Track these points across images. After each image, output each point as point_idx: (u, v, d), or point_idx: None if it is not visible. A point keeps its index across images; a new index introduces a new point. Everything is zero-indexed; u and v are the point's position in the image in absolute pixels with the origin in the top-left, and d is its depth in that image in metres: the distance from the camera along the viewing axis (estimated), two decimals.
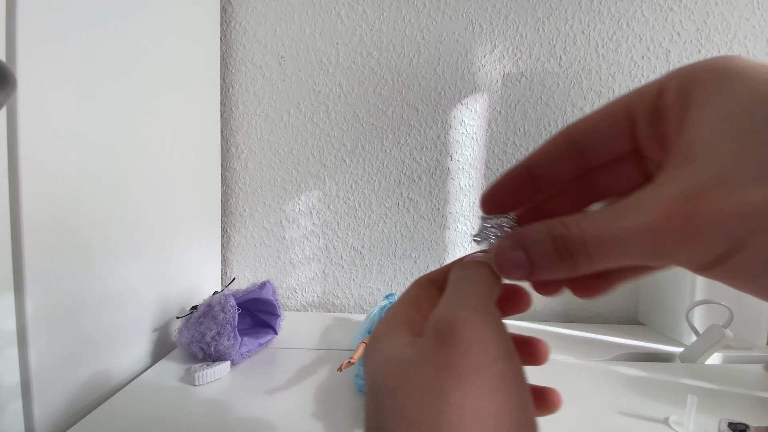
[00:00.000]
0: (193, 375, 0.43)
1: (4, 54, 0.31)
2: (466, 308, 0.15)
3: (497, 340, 0.14)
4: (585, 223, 0.14)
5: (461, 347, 0.14)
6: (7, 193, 0.31)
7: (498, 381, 0.13)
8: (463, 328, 0.14)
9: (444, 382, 0.13)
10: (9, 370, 0.32)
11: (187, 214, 0.59)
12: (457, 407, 0.13)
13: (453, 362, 0.13)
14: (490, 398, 0.13)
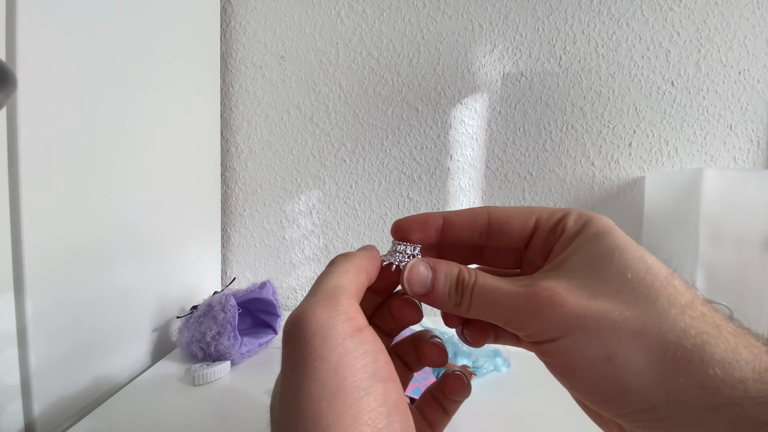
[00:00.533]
0: (193, 375, 0.43)
1: (4, 54, 0.31)
2: (311, 302, 0.16)
3: (341, 323, 0.15)
4: (481, 277, 0.18)
5: (304, 340, 0.15)
6: (7, 193, 0.31)
7: (340, 359, 0.14)
8: (306, 322, 0.15)
9: (295, 377, 0.14)
10: (9, 370, 0.32)
11: (187, 214, 0.59)
12: (307, 395, 0.14)
13: (299, 356, 0.14)
14: (334, 377, 0.14)
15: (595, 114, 0.70)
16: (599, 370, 0.15)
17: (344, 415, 0.13)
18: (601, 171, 0.70)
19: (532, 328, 0.16)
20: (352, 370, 0.14)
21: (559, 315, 0.15)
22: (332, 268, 0.18)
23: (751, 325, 0.16)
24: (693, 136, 0.69)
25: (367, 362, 0.15)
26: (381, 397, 0.14)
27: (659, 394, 0.14)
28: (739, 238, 0.54)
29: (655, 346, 0.14)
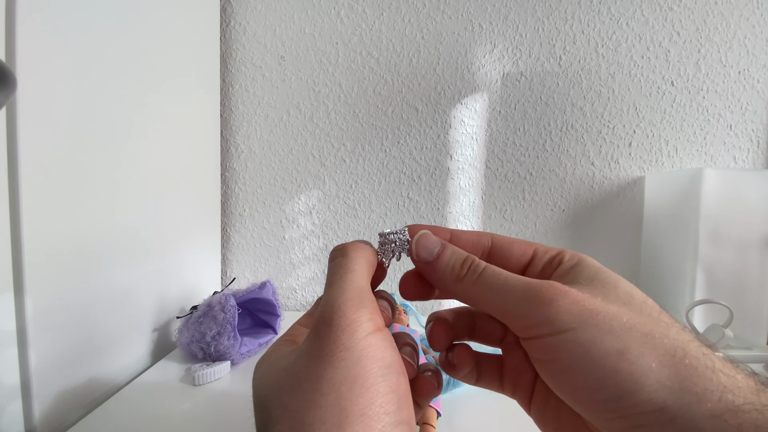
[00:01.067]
0: (193, 375, 0.43)
1: (4, 54, 0.31)
2: (341, 301, 0.17)
3: (366, 321, 0.17)
4: (490, 266, 0.19)
5: (334, 334, 0.16)
6: (7, 193, 0.31)
7: (364, 350, 0.16)
8: (338, 319, 0.16)
9: (319, 366, 0.15)
10: (9, 370, 0.32)
11: (187, 214, 0.59)
12: (328, 381, 0.15)
13: (326, 348, 0.16)
14: (357, 365, 0.15)
15: (595, 114, 0.70)
16: (611, 363, 0.15)
17: (362, 397, 0.15)
18: (601, 171, 0.70)
19: (540, 316, 0.16)
20: (372, 360, 0.16)
21: (573, 307, 0.16)
22: (351, 264, 0.19)
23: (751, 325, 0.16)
24: (693, 136, 0.69)
25: (385, 354, 0.16)
26: (394, 385, 0.16)
27: (669, 395, 0.14)
28: (739, 238, 0.54)
29: (665, 348, 0.15)
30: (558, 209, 0.71)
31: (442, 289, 0.21)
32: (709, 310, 0.53)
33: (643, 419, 0.14)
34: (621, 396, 0.14)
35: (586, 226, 0.71)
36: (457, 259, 0.19)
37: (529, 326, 0.17)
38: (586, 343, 0.15)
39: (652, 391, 0.14)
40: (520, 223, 0.71)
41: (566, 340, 0.15)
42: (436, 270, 0.20)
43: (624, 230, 0.71)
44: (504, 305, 0.17)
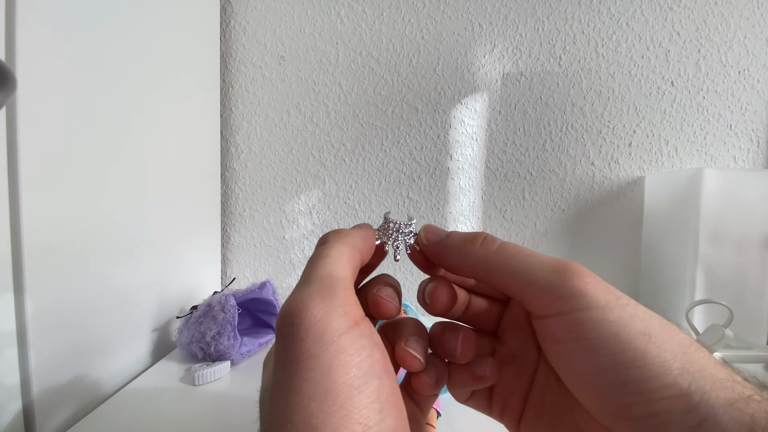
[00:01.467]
0: (193, 375, 0.43)
1: (4, 54, 0.31)
2: (305, 294, 0.15)
3: (337, 318, 0.15)
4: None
5: (297, 338, 0.14)
6: (7, 193, 0.31)
7: (334, 357, 0.14)
8: (301, 318, 0.14)
9: (286, 375, 0.14)
10: (9, 370, 0.32)
11: (187, 214, 0.59)
12: (297, 395, 0.13)
13: (291, 355, 0.14)
14: (326, 377, 0.13)
15: (595, 114, 0.70)
16: (640, 345, 0.14)
17: (335, 415, 0.13)
18: (601, 171, 0.70)
19: (569, 289, 0.15)
20: (345, 368, 0.14)
21: (600, 286, 0.15)
22: (325, 251, 0.17)
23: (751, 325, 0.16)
24: (693, 136, 0.69)
25: (362, 358, 0.14)
26: (374, 394, 0.14)
27: (692, 381, 0.14)
28: (739, 238, 0.54)
29: (681, 341, 0.15)
30: (558, 209, 0.71)
31: (453, 266, 0.19)
32: (709, 310, 0.53)
33: (665, 405, 0.14)
34: (648, 378, 0.14)
35: (586, 226, 0.71)
36: (469, 233, 0.19)
37: (554, 300, 0.16)
38: (615, 322, 0.15)
39: (677, 375, 0.14)
40: (520, 223, 0.71)
41: (594, 318, 0.15)
42: (447, 246, 0.19)
43: (624, 230, 0.71)
44: (528, 276, 0.16)
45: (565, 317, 0.15)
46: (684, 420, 0.13)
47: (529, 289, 0.16)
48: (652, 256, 0.67)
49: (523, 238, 0.72)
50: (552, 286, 0.16)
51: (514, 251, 0.17)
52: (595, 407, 0.16)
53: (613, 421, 0.15)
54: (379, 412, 0.14)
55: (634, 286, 0.71)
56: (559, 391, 0.19)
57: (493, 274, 0.18)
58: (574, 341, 0.15)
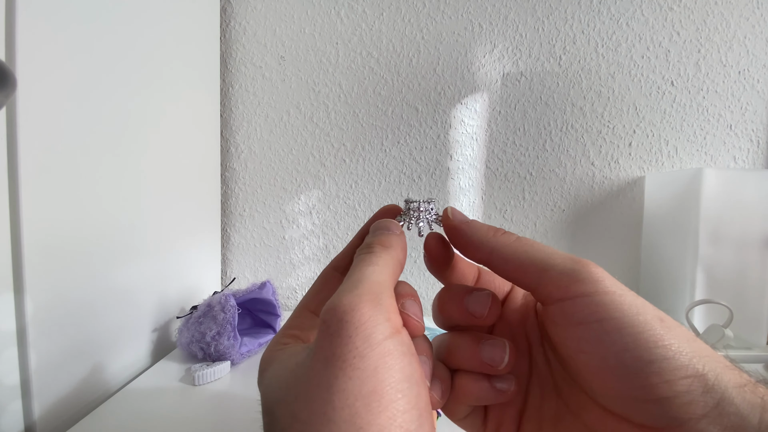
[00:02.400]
0: (193, 375, 0.43)
1: (4, 54, 0.31)
2: (355, 295, 0.15)
3: (383, 322, 0.15)
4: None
5: (345, 334, 0.14)
6: (7, 193, 0.31)
7: (380, 358, 0.14)
8: (350, 316, 0.14)
9: (330, 373, 0.14)
10: (9, 370, 0.32)
11: (187, 214, 0.59)
12: (341, 393, 0.13)
13: (337, 351, 0.14)
14: (373, 377, 0.14)
15: (595, 114, 0.70)
16: (657, 326, 0.15)
17: (380, 416, 0.13)
18: (601, 171, 0.70)
19: (588, 274, 0.16)
20: (390, 371, 0.14)
21: (613, 279, 0.16)
22: (373, 259, 0.18)
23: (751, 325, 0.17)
24: (693, 136, 0.69)
25: (404, 364, 0.15)
26: (414, 400, 0.14)
27: (707, 363, 0.14)
28: (739, 238, 0.54)
29: (687, 331, 0.15)
30: (558, 209, 0.71)
31: (474, 246, 0.19)
32: (709, 310, 0.53)
33: (687, 384, 0.14)
34: (668, 358, 0.14)
35: (586, 226, 0.71)
36: (490, 225, 0.20)
37: (575, 282, 0.16)
38: (635, 305, 0.15)
39: (693, 357, 0.14)
40: (520, 223, 0.71)
41: (615, 300, 0.15)
42: (472, 227, 0.19)
43: (624, 230, 0.71)
44: (548, 261, 0.17)
45: (587, 298, 0.16)
46: (704, 399, 0.14)
47: (548, 272, 0.17)
48: (652, 256, 0.67)
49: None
50: (573, 270, 0.16)
51: (532, 242, 0.18)
52: (614, 391, 0.16)
53: (633, 406, 0.15)
54: (418, 418, 0.14)
55: (634, 286, 0.71)
56: (559, 399, 0.19)
57: (511, 260, 0.18)
58: (597, 322, 0.16)
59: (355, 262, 0.18)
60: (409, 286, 0.19)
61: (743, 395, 0.14)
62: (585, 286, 0.16)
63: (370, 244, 0.19)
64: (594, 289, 0.16)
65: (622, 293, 0.16)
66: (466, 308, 0.20)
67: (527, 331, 0.21)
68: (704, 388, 0.14)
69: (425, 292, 0.72)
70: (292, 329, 0.19)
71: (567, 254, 0.17)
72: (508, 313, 0.22)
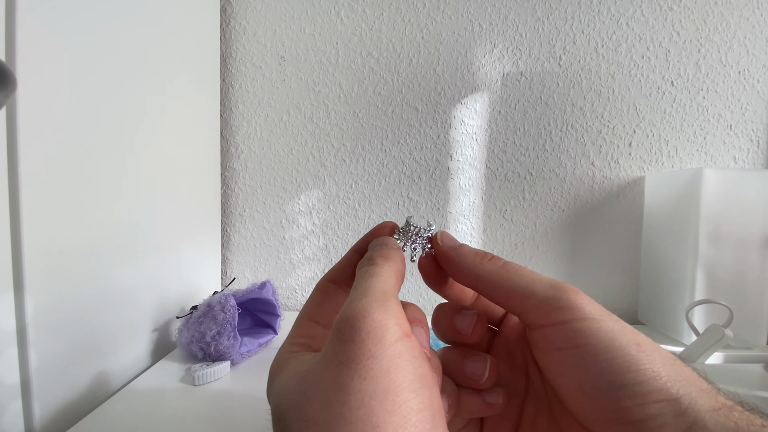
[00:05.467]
0: (193, 375, 0.43)
1: (4, 54, 0.31)
2: (365, 303, 0.16)
3: (393, 326, 0.15)
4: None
5: (359, 339, 0.15)
6: (6, 192, 0.31)
7: (392, 359, 0.15)
8: (362, 322, 0.15)
9: (345, 374, 0.14)
10: (9, 370, 0.32)
11: (187, 214, 0.59)
12: (356, 393, 0.14)
13: (351, 355, 0.14)
14: (386, 376, 0.14)
15: (595, 114, 0.70)
16: (633, 352, 0.15)
17: (395, 415, 0.14)
18: (601, 171, 0.70)
19: (569, 301, 0.17)
20: (403, 372, 0.14)
21: (593, 304, 0.17)
22: (376, 270, 0.18)
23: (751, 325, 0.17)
24: (693, 136, 0.69)
25: (416, 366, 0.15)
26: (427, 401, 0.15)
27: (681, 387, 0.15)
28: (739, 238, 0.54)
29: (666, 354, 0.16)
30: (558, 209, 0.71)
31: (462, 272, 0.20)
32: (709, 310, 0.53)
33: (659, 408, 0.14)
34: (642, 382, 0.15)
35: (586, 226, 0.71)
36: (478, 250, 0.20)
37: (554, 310, 0.17)
38: (611, 332, 0.16)
39: (667, 381, 0.15)
40: (520, 223, 0.71)
41: (592, 327, 0.16)
42: (459, 254, 0.20)
43: (624, 230, 0.71)
44: (529, 289, 0.18)
45: (565, 326, 0.17)
46: (676, 423, 0.14)
47: (529, 299, 0.18)
48: (652, 256, 0.67)
49: (523, 238, 0.72)
50: (552, 298, 0.17)
51: (517, 268, 0.19)
52: (592, 414, 0.16)
53: (610, 428, 0.16)
54: (432, 419, 0.14)
55: (634, 286, 0.71)
56: (551, 416, 0.19)
57: (496, 286, 0.19)
58: (574, 348, 0.16)
59: (359, 274, 0.19)
60: (419, 311, 0.20)
61: (717, 419, 0.14)
62: (563, 314, 0.17)
63: (372, 257, 0.19)
64: (572, 316, 0.17)
65: (600, 319, 0.16)
66: (454, 326, 0.21)
67: (524, 349, 0.21)
68: (676, 412, 0.14)
69: (431, 300, 0.72)
70: (300, 338, 0.20)
71: (549, 280, 0.18)
72: (506, 330, 0.22)
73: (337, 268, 0.22)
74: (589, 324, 0.16)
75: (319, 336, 0.20)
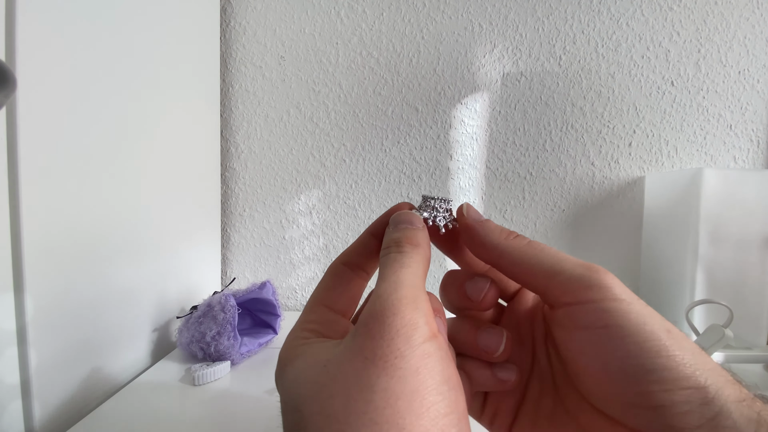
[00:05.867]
0: (193, 375, 0.43)
1: (4, 54, 0.31)
2: (395, 299, 0.15)
3: (423, 324, 0.15)
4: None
5: (388, 336, 0.14)
6: (7, 193, 0.31)
7: (421, 359, 0.14)
8: (393, 319, 0.15)
9: (371, 372, 0.14)
10: (9, 370, 0.32)
11: (187, 214, 0.59)
12: (383, 392, 0.13)
13: (379, 352, 0.14)
14: (414, 377, 0.14)
15: (595, 114, 0.70)
16: (663, 337, 0.15)
17: (422, 418, 0.13)
18: (601, 171, 0.70)
19: (597, 281, 0.16)
20: (432, 373, 0.14)
21: (623, 286, 0.17)
22: (406, 261, 0.17)
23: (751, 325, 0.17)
24: (693, 136, 0.69)
25: (443, 367, 0.15)
26: (453, 404, 0.14)
27: (709, 376, 0.15)
28: (739, 238, 0.54)
29: (693, 343, 0.16)
30: (558, 209, 0.71)
31: (486, 247, 0.20)
32: (709, 310, 0.53)
33: (686, 395, 0.14)
34: (671, 368, 0.15)
35: (586, 226, 0.71)
36: (504, 227, 0.20)
37: (584, 288, 0.16)
38: (642, 315, 0.16)
39: (695, 369, 0.15)
40: (520, 223, 0.71)
41: (622, 308, 0.16)
42: (485, 228, 0.20)
43: (624, 230, 0.71)
44: (557, 266, 0.17)
45: (593, 305, 0.16)
46: (701, 411, 0.14)
47: (556, 277, 0.17)
48: (652, 256, 0.67)
49: None
50: (582, 276, 0.17)
51: (543, 246, 0.19)
52: (610, 396, 0.16)
53: (628, 411, 0.16)
54: (457, 423, 0.14)
55: (634, 286, 0.71)
56: (556, 396, 0.19)
57: (520, 263, 0.18)
58: (602, 328, 0.16)
59: (386, 262, 0.18)
60: (437, 300, 0.19)
61: (741, 410, 0.14)
62: (593, 293, 0.16)
63: (400, 242, 0.18)
64: (602, 295, 0.16)
65: (630, 302, 0.16)
66: (465, 292, 0.20)
67: (533, 327, 0.21)
68: (703, 401, 0.14)
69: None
70: (312, 323, 0.19)
71: (578, 260, 0.18)
72: (517, 306, 0.22)
73: (352, 251, 0.21)
74: (619, 305, 0.16)
75: (331, 322, 0.19)
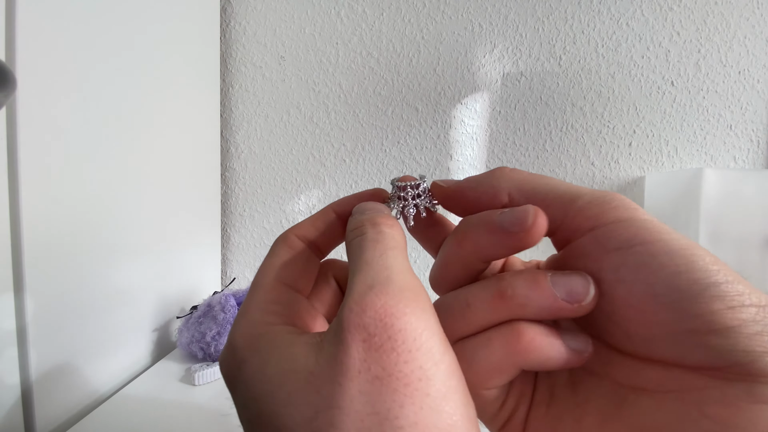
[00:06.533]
0: (193, 375, 0.43)
1: (4, 54, 0.31)
2: (405, 300, 0.12)
3: (438, 332, 0.12)
4: None
5: (405, 349, 0.11)
6: (7, 193, 0.31)
7: (446, 381, 0.11)
8: (403, 324, 0.11)
9: (388, 398, 0.11)
10: (9, 370, 0.32)
11: (187, 214, 0.59)
12: (412, 428, 0.10)
13: (394, 371, 0.11)
14: (445, 405, 0.11)
15: (595, 114, 0.70)
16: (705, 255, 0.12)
17: None
18: (601, 171, 0.70)
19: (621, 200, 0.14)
20: (460, 396, 0.12)
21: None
22: (390, 242, 0.14)
23: None
24: (693, 136, 0.69)
25: (464, 386, 0.12)
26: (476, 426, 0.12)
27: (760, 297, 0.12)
28: (739, 238, 0.54)
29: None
30: None
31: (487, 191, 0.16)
32: None
33: (752, 314, 0.11)
34: (729, 281, 0.12)
35: None
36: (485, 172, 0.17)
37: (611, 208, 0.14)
38: (675, 233, 0.13)
39: (747, 286, 0.12)
40: None
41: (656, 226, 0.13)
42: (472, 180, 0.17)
43: None
44: (573, 190, 0.15)
45: (625, 222, 0.13)
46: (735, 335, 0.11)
47: (576, 202, 0.14)
48: None
49: None
50: (605, 196, 0.14)
51: (550, 177, 0.16)
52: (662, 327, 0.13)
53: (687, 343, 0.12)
54: None
55: None
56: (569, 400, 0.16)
57: (534, 193, 0.15)
58: (641, 244, 0.13)
59: (362, 243, 0.14)
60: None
61: None
62: (620, 212, 0.14)
63: (375, 222, 0.15)
64: (631, 214, 0.14)
65: (660, 222, 0.13)
66: (501, 227, 0.15)
67: None
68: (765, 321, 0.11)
69: None
70: (274, 305, 0.15)
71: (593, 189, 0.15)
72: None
73: (309, 225, 0.17)
74: (652, 224, 0.13)
75: (294, 304, 0.16)
